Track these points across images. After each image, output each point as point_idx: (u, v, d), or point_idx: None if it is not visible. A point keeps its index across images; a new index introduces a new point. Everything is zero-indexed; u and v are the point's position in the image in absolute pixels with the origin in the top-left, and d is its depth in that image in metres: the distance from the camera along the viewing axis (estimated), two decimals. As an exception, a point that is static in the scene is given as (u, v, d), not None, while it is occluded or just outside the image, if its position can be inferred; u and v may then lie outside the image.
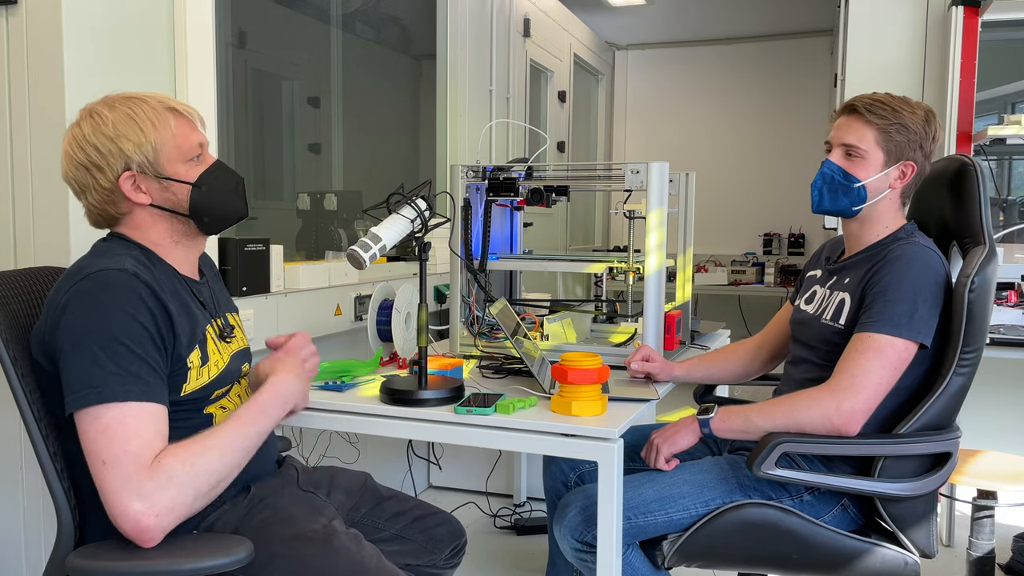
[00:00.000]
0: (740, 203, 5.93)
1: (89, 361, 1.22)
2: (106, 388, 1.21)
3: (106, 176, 1.34)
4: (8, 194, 1.93)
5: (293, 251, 2.96)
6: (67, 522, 1.31)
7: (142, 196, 1.36)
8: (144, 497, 1.18)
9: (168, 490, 1.20)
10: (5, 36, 1.88)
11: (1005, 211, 4.00)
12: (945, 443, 1.66)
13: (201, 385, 1.37)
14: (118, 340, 1.23)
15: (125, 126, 1.33)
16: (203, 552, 1.22)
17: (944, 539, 2.96)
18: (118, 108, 1.35)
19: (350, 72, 3.37)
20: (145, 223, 1.40)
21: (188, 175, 1.39)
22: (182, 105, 1.41)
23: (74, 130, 1.36)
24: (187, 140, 1.39)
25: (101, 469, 1.19)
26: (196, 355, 1.36)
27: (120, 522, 1.19)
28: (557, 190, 2.33)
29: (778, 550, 1.68)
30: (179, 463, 1.22)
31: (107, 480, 1.19)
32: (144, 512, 1.18)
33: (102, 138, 1.33)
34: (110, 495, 1.19)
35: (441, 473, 3.45)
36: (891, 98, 1.73)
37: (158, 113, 1.36)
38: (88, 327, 1.24)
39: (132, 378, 1.23)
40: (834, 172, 1.76)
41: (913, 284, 1.63)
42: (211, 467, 1.25)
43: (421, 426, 1.79)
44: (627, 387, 1.99)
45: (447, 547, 1.69)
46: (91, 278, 1.27)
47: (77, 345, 1.23)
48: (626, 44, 6.21)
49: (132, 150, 1.33)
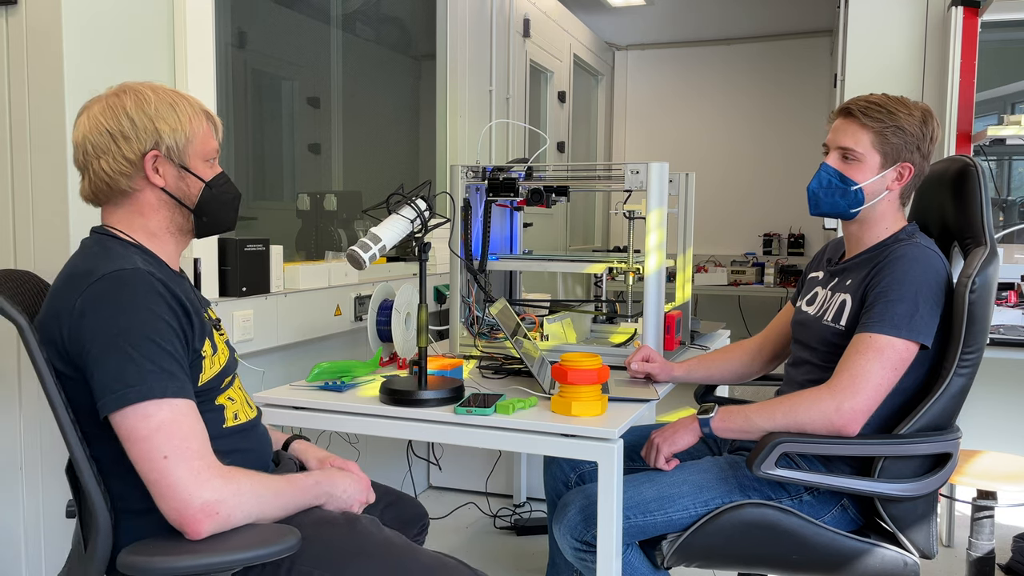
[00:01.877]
0: (740, 203, 5.93)
1: (123, 360, 1.23)
2: (144, 386, 1.23)
3: (132, 148, 1.37)
4: (8, 194, 1.93)
5: (293, 251, 2.96)
6: (105, 525, 1.30)
7: (159, 179, 1.40)
8: (215, 491, 1.23)
9: (235, 498, 1.25)
10: (5, 36, 1.88)
11: (1005, 211, 4.00)
12: (945, 443, 1.65)
13: (214, 374, 1.41)
14: (148, 338, 1.25)
15: (166, 110, 1.39)
16: (254, 541, 1.24)
17: (944, 539, 2.96)
18: (161, 94, 1.41)
19: (350, 72, 3.37)
20: (150, 206, 1.42)
21: (204, 173, 1.44)
22: (212, 112, 1.49)
23: (111, 99, 1.39)
24: (210, 143, 1.46)
25: (162, 463, 1.22)
26: (208, 345, 1.40)
27: (183, 510, 1.21)
28: (557, 190, 2.33)
29: (778, 550, 1.68)
30: (248, 483, 1.29)
31: (170, 472, 1.21)
32: (212, 503, 1.22)
33: (141, 114, 1.37)
34: (174, 486, 1.21)
35: (441, 473, 3.45)
36: (887, 100, 1.72)
37: (195, 111, 1.43)
38: (116, 327, 1.25)
39: (167, 375, 1.25)
40: (831, 175, 1.76)
41: (914, 285, 1.63)
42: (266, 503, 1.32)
43: (421, 426, 1.79)
44: (627, 387, 1.99)
45: (415, 527, 1.75)
46: (107, 279, 1.28)
47: (108, 346, 1.24)
48: (626, 44, 6.22)
49: (168, 132, 1.38)
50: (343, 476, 1.51)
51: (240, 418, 1.47)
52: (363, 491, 1.53)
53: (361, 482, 1.54)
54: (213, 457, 1.27)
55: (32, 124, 1.89)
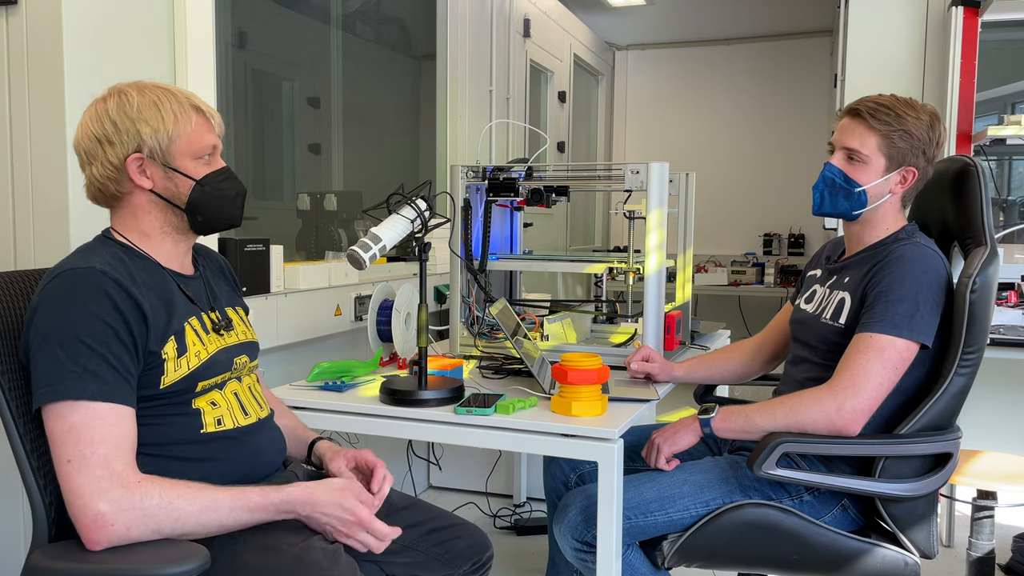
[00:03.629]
0: (740, 203, 5.93)
1: (51, 359, 1.24)
2: (62, 386, 1.22)
3: (115, 153, 1.37)
4: (8, 194, 1.93)
5: (293, 251, 2.95)
6: (41, 518, 1.31)
7: (145, 180, 1.39)
8: (112, 502, 1.19)
9: (134, 511, 1.20)
10: (5, 36, 1.88)
11: (1005, 211, 4.00)
12: (946, 443, 1.65)
13: (181, 376, 1.37)
14: (78, 338, 1.25)
15: (148, 111, 1.37)
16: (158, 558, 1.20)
17: (944, 539, 2.96)
18: (147, 94, 1.39)
19: (350, 72, 3.37)
20: (142, 208, 1.41)
21: (195, 171, 1.42)
22: (206, 106, 1.45)
23: (98, 104, 1.39)
24: (202, 140, 1.42)
25: (66, 467, 1.21)
26: (171, 346, 1.36)
27: (78, 518, 1.20)
28: (557, 190, 2.33)
29: (778, 550, 1.68)
30: (158, 496, 1.22)
31: (71, 478, 1.20)
32: (106, 514, 1.19)
33: (123, 116, 1.37)
34: (73, 492, 1.20)
35: (441, 473, 3.45)
36: (896, 102, 1.71)
37: (183, 107, 1.40)
38: (52, 326, 1.26)
39: (89, 376, 1.24)
40: (835, 175, 1.75)
41: (915, 284, 1.62)
42: (185, 519, 1.23)
43: (421, 426, 1.79)
44: (627, 387, 1.99)
45: (467, 561, 1.61)
46: (61, 277, 1.30)
47: (42, 344, 1.26)
48: (626, 44, 6.21)
49: (148, 134, 1.37)
50: (334, 505, 1.33)
51: (226, 424, 1.43)
52: (350, 528, 1.34)
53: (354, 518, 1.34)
54: (124, 465, 1.22)
55: (32, 124, 1.89)
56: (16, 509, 1.98)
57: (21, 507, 1.98)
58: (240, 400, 1.49)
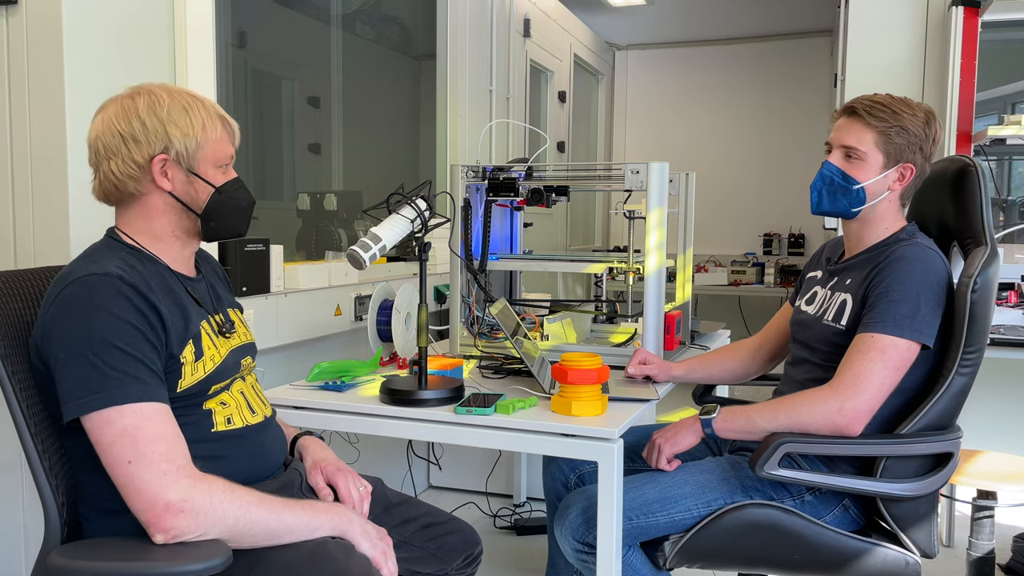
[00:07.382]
0: (740, 203, 5.93)
1: (86, 367, 1.24)
2: (105, 393, 1.23)
3: (141, 152, 1.37)
4: (8, 194, 1.93)
5: (293, 251, 2.95)
6: (54, 519, 1.32)
7: (166, 182, 1.39)
8: (181, 491, 1.21)
9: (206, 495, 1.22)
10: (5, 36, 1.88)
11: (1005, 211, 4.00)
12: (946, 443, 1.65)
13: (197, 380, 1.38)
14: (110, 343, 1.25)
15: (178, 114, 1.38)
16: (180, 555, 1.20)
17: (944, 539, 2.96)
18: (176, 98, 1.40)
19: (350, 72, 3.37)
20: (156, 209, 1.41)
21: (215, 179, 1.43)
22: (229, 117, 1.47)
23: (125, 101, 1.39)
24: (224, 149, 1.45)
25: (127, 468, 1.21)
26: (190, 350, 1.37)
27: (146, 511, 1.20)
28: (557, 190, 2.33)
29: (780, 551, 1.68)
30: (225, 492, 1.25)
31: (135, 476, 1.21)
32: (177, 502, 1.20)
33: (152, 117, 1.37)
34: (138, 489, 1.20)
35: (441, 473, 3.45)
36: (891, 99, 1.73)
37: (210, 115, 1.42)
38: (78, 333, 1.25)
39: (130, 379, 1.24)
40: (833, 174, 1.75)
41: (916, 285, 1.63)
42: (251, 516, 1.26)
43: (421, 426, 1.79)
44: (627, 387, 1.99)
45: (459, 556, 1.66)
46: (76, 284, 1.29)
47: (72, 352, 1.25)
48: (626, 44, 6.21)
49: (178, 137, 1.38)
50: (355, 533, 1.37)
51: (235, 423, 1.44)
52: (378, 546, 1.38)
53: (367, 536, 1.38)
54: (185, 460, 1.25)
55: (32, 124, 1.88)
56: (16, 509, 1.98)
57: (21, 507, 1.98)
58: (247, 399, 1.50)
